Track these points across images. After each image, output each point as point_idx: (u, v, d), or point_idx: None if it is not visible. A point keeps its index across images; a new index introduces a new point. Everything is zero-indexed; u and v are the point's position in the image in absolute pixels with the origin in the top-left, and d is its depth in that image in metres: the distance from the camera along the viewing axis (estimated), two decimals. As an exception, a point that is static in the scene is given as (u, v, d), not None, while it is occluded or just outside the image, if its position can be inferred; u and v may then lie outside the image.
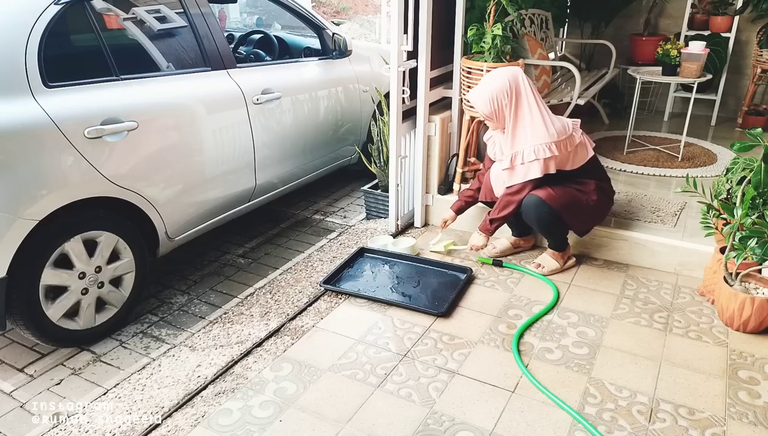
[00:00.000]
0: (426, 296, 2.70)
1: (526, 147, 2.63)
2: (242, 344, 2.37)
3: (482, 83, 2.70)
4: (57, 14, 2.29)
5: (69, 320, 2.38)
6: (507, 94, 2.62)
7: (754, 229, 2.26)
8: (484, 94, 2.64)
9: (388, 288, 2.77)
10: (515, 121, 2.66)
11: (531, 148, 2.61)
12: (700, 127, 5.08)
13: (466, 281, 2.80)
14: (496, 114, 2.65)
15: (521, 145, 2.65)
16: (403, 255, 3.05)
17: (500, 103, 2.63)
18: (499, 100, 2.62)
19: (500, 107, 2.64)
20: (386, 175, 3.50)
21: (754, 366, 2.21)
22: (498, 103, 2.63)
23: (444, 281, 2.83)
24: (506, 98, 2.62)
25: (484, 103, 2.64)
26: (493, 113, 2.65)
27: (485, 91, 2.64)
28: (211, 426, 1.93)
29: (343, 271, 2.91)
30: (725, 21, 5.11)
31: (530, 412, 1.98)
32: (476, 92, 2.69)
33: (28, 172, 2.12)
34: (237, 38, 4.18)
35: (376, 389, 2.09)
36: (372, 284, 2.81)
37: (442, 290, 2.74)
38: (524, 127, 2.64)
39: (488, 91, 2.63)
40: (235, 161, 3.00)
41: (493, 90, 2.62)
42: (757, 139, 2.38)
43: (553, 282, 2.78)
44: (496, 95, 2.62)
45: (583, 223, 2.83)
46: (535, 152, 2.60)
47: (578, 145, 2.69)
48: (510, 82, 2.62)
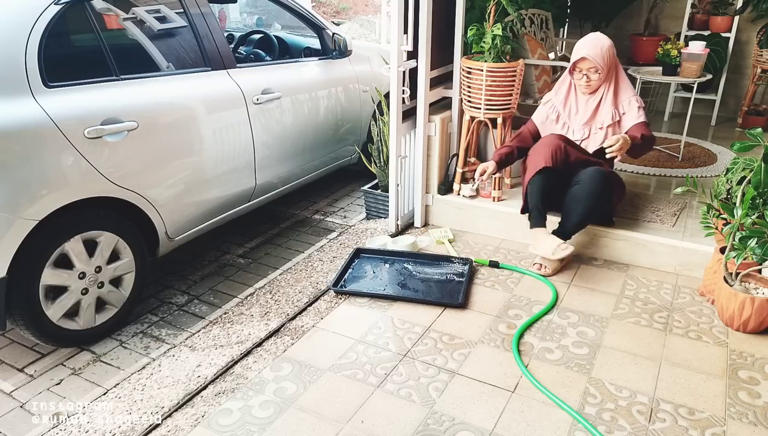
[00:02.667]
0: (437, 289, 2.72)
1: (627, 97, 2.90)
2: (242, 344, 2.37)
3: (593, 42, 2.85)
4: (57, 14, 2.29)
5: (69, 320, 2.38)
6: (614, 52, 2.88)
7: (754, 229, 2.26)
8: (603, 48, 2.83)
9: (396, 285, 2.77)
10: (617, 76, 2.91)
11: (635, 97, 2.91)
12: (700, 127, 5.08)
13: (470, 270, 2.83)
14: (608, 67, 2.85)
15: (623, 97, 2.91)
16: (398, 252, 3.06)
17: (612, 59, 2.86)
18: (611, 54, 2.86)
19: (612, 61, 2.86)
20: (386, 175, 3.50)
21: (754, 366, 2.21)
22: (611, 57, 2.85)
23: (447, 273, 2.86)
24: (614, 54, 2.88)
25: (602, 57, 2.82)
26: (606, 66, 2.84)
27: (602, 45, 2.83)
28: (211, 426, 1.93)
29: (346, 273, 2.90)
30: (725, 21, 5.11)
31: (530, 412, 1.98)
32: (592, 48, 2.83)
33: (28, 172, 2.12)
34: (237, 38, 4.18)
35: (376, 389, 2.09)
36: (379, 283, 2.80)
37: (449, 282, 2.77)
38: (623, 83, 2.93)
39: (604, 45, 2.83)
40: (235, 161, 3.00)
41: (606, 45, 2.84)
42: (757, 139, 2.38)
43: (552, 283, 2.78)
44: (609, 50, 2.85)
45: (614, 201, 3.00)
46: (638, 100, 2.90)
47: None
48: (612, 43, 2.88)
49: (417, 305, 2.62)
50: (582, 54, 2.84)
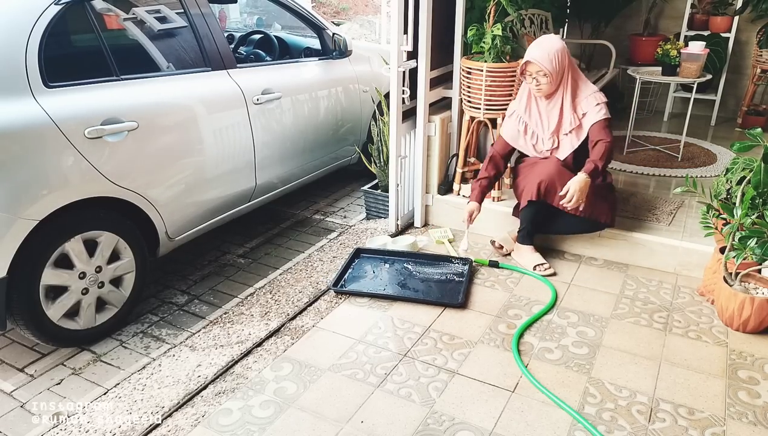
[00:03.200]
0: (437, 289, 2.73)
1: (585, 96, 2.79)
2: (242, 344, 2.37)
3: (541, 45, 2.76)
4: (57, 14, 2.29)
5: (69, 320, 2.38)
6: (566, 54, 2.77)
7: (754, 229, 2.26)
8: (550, 52, 2.72)
9: (397, 285, 2.78)
10: (574, 78, 2.81)
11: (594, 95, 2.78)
12: (700, 127, 5.08)
13: (470, 270, 2.84)
14: (557, 72, 2.74)
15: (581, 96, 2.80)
16: (398, 252, 3.07)
17: (562, 62, 2.74)
18: (561, 58, 2.74)
19: (561, 65, 2.74)
20: (386, 175, 3.50)
21: (753, 366, 2.21)
22: (560, 61, 2.73)
23: (447, 273, 2.87)
24: (565, 57, 2.76)
25: (549, 61, 2.71)
26: (556, 71, 2.73)
27: (550, 49, 2.73)
28: (211, 426, 1.93)
29: (346, 273, 2.90)
30: (725, 21, 5.11)
31: (530, 412, 1.98)
32: (538, 51, 2.74)
33: (28, 173, 2.12)
34: (237, 38, 4.18)
35: (376, 388, 2.09)
36: (379, 283, 2.81)
37: (449, 282, 2.79)
38: (580, 83, 2.82)
39: (552, 49, 2.72)
40: (236, 161, 3.00)
41: (556, 49, 2.73)
42: (757, 139, 2.38)
43: (552, 283, 2.78)
44: (558, 53, 2.73)
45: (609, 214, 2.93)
46: (599, 96, 2.78)
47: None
48: (564, 45, 2.77)
49: (417, 304, 2.62)
50: (527, 57, 2.77)
